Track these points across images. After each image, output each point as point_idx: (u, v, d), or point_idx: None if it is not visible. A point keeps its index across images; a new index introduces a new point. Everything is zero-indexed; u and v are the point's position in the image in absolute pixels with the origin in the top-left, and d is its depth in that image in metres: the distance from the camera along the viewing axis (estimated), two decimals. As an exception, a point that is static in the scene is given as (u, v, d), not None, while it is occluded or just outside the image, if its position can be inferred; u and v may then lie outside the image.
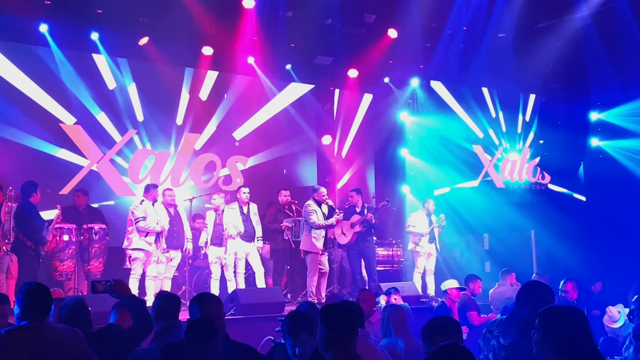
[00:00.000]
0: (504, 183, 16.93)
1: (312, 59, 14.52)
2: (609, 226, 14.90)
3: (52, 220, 10.23)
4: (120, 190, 12.86)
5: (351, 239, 11.97)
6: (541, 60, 14.76)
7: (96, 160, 12.69)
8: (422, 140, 16.01)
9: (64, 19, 11.82)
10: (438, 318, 4.19)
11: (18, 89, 11.89)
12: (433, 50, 14.50)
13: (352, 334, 3.90)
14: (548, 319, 3.58)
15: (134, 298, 5.22)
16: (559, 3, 13.28)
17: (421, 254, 12.44)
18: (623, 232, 14.49)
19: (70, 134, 12.48)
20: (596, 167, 16.36)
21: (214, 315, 4.52)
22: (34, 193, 10.10)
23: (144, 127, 13.26)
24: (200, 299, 4.86)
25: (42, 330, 4.53)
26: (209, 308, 4.72)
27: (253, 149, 14.40)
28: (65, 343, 4.55)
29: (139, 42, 12.65)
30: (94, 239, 10.77)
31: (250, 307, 9.49)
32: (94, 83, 12.71)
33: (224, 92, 14.25)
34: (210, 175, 13.80)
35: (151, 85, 13.19)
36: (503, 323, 4.68)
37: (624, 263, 13.66)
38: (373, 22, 13.50)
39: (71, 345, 4.57)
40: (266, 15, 12.76)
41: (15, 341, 4.38)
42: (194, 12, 11.97)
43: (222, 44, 13.23)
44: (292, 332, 4.47)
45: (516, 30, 13.95)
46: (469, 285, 10.24)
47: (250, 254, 11.32)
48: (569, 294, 8.65)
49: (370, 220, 11.85)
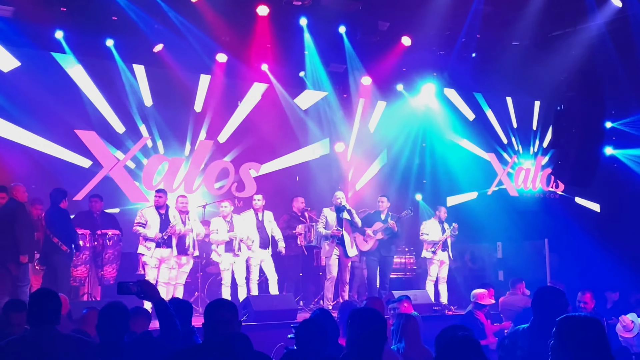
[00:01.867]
0: (518, 191, 16.88)
1: (326, 66, 14.54)
2: (623, 235, 14.81)
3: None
4: (134, 196, 12.91)
5: (372, 246, 11.96)
6: (555, 68, 14.69)
7: (110, 166, 12.76)
8: (436, 148, 15.99)
9: (80, 25, 11.91)
10: (451, 327, 4.15)
11: (33, 95, 11.97)
12: (447, 58, 14.49)
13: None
14: (565, 328, 3.57)
15: (163, 302, 5.05)
16: (574, 11, 13.23)
17: (434, 262, 12.42)
18: (637, 241, 14.40)
19: (84, 140, 12.56)
20: (610, 176, 16.27)
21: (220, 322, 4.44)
22: (63, 200, 10.27)
23: (158, 134, 13.33)
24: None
25: (44, 338, 4.46)
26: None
27: (266, 156, 14.43)
28: (67, 353, 4.48)
29: (153, 49, 12.71)
30: (108, 245, 10.82)
31: (262, 314, 9.49)
32: (108, 89, 12.79)
33: (238, 99, 14.28)
34: (224, 182, 13.82)
35: (166, 91, 13.26)
36: (526, 333, 4.68)
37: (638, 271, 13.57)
38: (387, 30, 13.51)
39: (74, 356, 4.50)
40: (280, 23, 12.80)
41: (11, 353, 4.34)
42: (209, 19, 12.03)
43: (237, 51, 13.28)
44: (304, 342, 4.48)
45: (530, 38, 13.91)
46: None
47: (264, 260, 11.33)
48: (588, 304, 8.64)
49: (392, 228, 11.84)
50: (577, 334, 3.53)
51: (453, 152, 15.83)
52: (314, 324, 4.66)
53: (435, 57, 14.53)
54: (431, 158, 16.03)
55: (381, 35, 13.51)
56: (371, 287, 12.01)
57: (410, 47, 13.91)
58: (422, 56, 14.23)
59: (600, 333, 3.56)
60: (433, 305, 11.57)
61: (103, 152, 12.75)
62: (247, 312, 9.58)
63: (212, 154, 13.87)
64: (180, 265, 10.74)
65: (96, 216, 11.25)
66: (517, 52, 14.25)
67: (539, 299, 4.83)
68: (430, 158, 16.05)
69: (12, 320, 5.59)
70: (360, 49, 13.83)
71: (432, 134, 16.06)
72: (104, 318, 4.97)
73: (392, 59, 14.19)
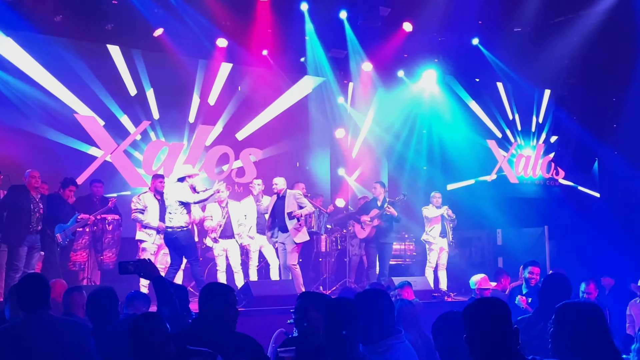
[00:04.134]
0: (518, 178, 16.86)
1: (327, 51, 14.49)
2: (622, 222, 14.81)
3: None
4: (134, 182, 12.90)
5: (369, 232, 11.94)
6: (557, 55, 14.67)
7: (110, 151, 12.74)
8: (436, 134, 15.97)
9: (79, 9, 11.85)
10: (448, 313, 4.14)
11: (33, 79, 11.97)
12: (448, 44, 14.44)
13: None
14: (564, 315, 3.56)
15: (161, 278, 5.13)
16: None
17: (433, 248, 12.42)
18: (637, 228, 14.40)
19: (84, 125, 12.54)
20: (610, 163, 16.25)
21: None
22: (66, 189, 10.40)
23: (158, 119, 13.30)
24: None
25: (36, 324, 4.45)
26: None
27: (266, 141, 14.41)
28: (63, 337, 4.48)
29: (153, 34, 12.66)
30: (108, 230, 10.81)
31: (262, 299, 9.48)
32: (107, 74, 12.75)
33: (238, 84, 14.26)
34: (223, 167, 13.80)
35: (165, 76, 13.21)
36: (531, 319, 4.70)
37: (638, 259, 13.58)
38: (388, 16, 13.46)
39: (70, 339, 4.50)
40: (281, 8, 12.76)
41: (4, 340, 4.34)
42: (209, 3, 11.98)
43: (237, 36, 13.23)
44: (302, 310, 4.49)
45: (532, 24, 13.87)
46: (500, 281, 10.16)
47: (264, 246, 11.32)
48: (592, 294, 8.68)
49: (392, 214, 11.81)
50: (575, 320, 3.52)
51: (453, 138, 15.80)
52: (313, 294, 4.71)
53: (436, 43, 14.47)
54: (431, 144, 16.00)
55: (382, 20, 13.45)
56: (370, 274, 11.99)
57: (412, 33, 13.87)
58: (424, 42, 14.17)
59: (598, 318, 3.56)
60: (432, 292, 11.57)
61: (103, 137, 12.72)
62: (246, 298, 9.58)
63: (213, 140, 13.85)
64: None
65: (96, 200, 11.22)
66: (518, 39, 14.21)
67: (546, 287, 4.88)
68: (430, 144, 16.02)
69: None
70: (361, 34, 13.79)
71: (433, 120, 16.03)
72: (92, 302, 5.07)
73: (393, 44, 14.16)
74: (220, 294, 4.42)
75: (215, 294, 4.44)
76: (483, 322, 3.31)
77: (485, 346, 3.28)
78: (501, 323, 3.32)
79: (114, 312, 5.29)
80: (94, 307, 5.23)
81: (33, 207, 9.47)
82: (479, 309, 3.41)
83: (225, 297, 4.40)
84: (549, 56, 14.64)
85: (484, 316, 3.34)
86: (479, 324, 3.32)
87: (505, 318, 3.34)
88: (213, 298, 4.41)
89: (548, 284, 5.17)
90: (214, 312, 4.32)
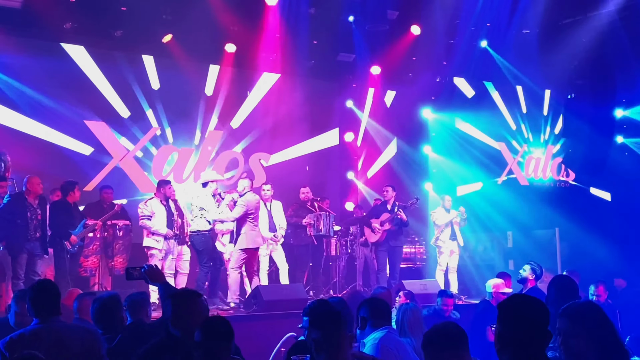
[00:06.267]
0: (528, 180, 16.82)
1: (335, 56, 14.50)
2: (634, 223, 14.74)
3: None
4: (144, 187, 12.93)
5: (380, 237, 11.94)
6: (566, 56, 14.63)
7: (120, 157, 12.79)
8: (445, 137, 15.96)
9: (89, 16, 11.89)
10: (438, 326, 4.00)
11: (44, 86, 12.03)
12: (456, 46, 14.43)
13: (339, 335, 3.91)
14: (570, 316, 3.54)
15: (168, 285, 5.20)
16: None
17: (443, 251, 12.41)
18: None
19: (94, 131, 12.59)
20: (621, 164, 16.18)
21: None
22: (70, 192, 10.27)
23: (167, 124, 13.34)
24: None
25: (49, 331, 4.48)
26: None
27: (276, 145, 14.43)
28: (74, 343, 4.50)
29: (162, 40, 12.70)
30: (118, 235, 10.83)
31: (272, 304, 9.49)
32: (118, 80, 12.79)
33: (247, 89, 14.28)
34: (234, 172, 13.83)
35: (175, 82, 13.25)
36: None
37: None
38: (396, 19, 13.48)
39: (81, 345, 4.52)
40: (289, 12, 12.77)
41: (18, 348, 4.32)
42: (217, 9, 12.01)
43: (245, 41, 13.25)
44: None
45: (541, 26, 13.85)
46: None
47: (274, 250, 11.33)
48: (602, 296, 8.66)
49: (401, 219, 11.81)
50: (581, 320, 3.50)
51: (463, 141, 15.78)
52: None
53: (444, 45, 14.46)
54: (440, 147, 15.98)
55: (390, 24, 13.46)
56: (380, 277, 11.98)
57: (420, 36, 13.86)
58: (432, 45, 14.16)
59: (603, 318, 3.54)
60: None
61: (113, 143, 12.78)
62: (256, 302, 9.59)
63: (222, 144, 13.88)
64: (180, 255, 10.58)
65: (105, 207, 11.23)
66: (527, 41, 14.19)
67: (553, 288, 4.86)
68: (439, 147, 15.99)
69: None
70: (370, 38, 13.77)
71: (442, 123, 16.00)
72: (98, 309, 5.12)
73: (402, 48, 14.15)
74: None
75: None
76: (519, 318, 3.25)
77: (515, 343, 3.22)
78: (537, 323, 3.25)
79: (119, 318, 5.33)
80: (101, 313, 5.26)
81: (30, 214, 9.42)
82: (518, 304, 3.34)
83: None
84: (557, 58, 14.61)
85: (522, 313, 3.27)
86: (514, 320, 3.26)
87: (542, 318, 3.28)
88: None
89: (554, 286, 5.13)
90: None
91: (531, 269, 8.56)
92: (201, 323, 3.91)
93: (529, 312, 3.27)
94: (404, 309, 6.58)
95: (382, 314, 4.94)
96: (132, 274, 4.99)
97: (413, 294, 8.68)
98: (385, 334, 4.84)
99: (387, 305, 5.07)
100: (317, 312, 4.13)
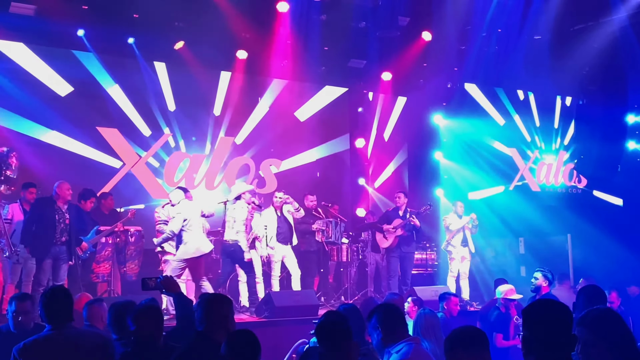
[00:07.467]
0: (540, 187, 16.78)
1: (346, 62, 14.52)
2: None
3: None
4: (156, 193, 12.97)
5: (392, 242, 11.93)
6: (578, 62, 14.60)
7: (132, 163, 12.84)
8: (457, 143, 15.93)
9: (101, 23, 11.95)
10: (461, 329, 4.03)
11: (56, 93, 12.09)
12: (468, 52, 14.41)
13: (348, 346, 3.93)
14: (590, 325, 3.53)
15: (182, 295, 5.23)
16: (596, 5, 13.13)
17: (454, 257, 12.39)
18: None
19: (107, 137, 12.64)
20: (633, 171, 16.13)
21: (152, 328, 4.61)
22: (83, 200, 10.46)
23: (179, 130, 13.39)
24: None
25: (62, 337, 4.50)
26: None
27: (287, 152, 14.45)
28: (85, 349, 4.53)
29: (174, 46, 12.76)
30: (130, 241, 10.87)
31: (284, 310, 9.49)
32: (130, 87, 12.85)
33: (258, 95, 14.32)
34: (245, 178, 13.84)
35: (187, 88, 13.30)
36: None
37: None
38: (407, 25, 13.48)
39: (92, 351, 4.54)
40: (300, 19, 12.79)
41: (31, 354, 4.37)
42: (229, 16, 12.05)
43: (257, 47, 13.30)
44: None
45: (552, 32, 13.81)
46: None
47: (286, 256, 11.31)
48: (615, 303, 8.62)
49: (415, 225, 11.81)
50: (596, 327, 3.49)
51: (474, 147, 15.76)
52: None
53: (456, 51, 14.45)
54: (452, 153, 15.96)
55: (401, 30, 13.47)
56: (391, 283, 11.96)
57: (431, 42, 13.86)
58: (443, 51, 14.15)
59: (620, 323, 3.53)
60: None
61: (125, 149, 12.82)
62: (268, 308, 9.59)
63: (233, 151, 13.92)
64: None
65: (107, 214, 11.21)
66: (539, 46, 14.16)
67: (582, 296, 4.89)
68: (450, 153, 15.98)
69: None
70: (380, 44, 13.78)
71: (453, 129, 15.99)
72: (114, 315, 5.16)
73: (413, 54, 14.15)
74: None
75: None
76: (544, 322, 3.26)
77: (541, 347, 3.23)
78: (562, 326, 3.26)
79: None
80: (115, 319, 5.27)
81: (58, 217, 9.41)
82: (543, 308, 3.36)
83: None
84: (569, 64, 14.58)
85: (546, 317, 3.28)
86: (539, 324, 3.27)
87: (566, 321, 3.28)
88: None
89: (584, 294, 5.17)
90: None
91: (543, 276, 8.50)
92: (228, 336, 3.93)
93: (553, 316, 3.29)
94: (420, 314, 6.65)
95: (396, 320, 4.91)
96: (147, 284, 5.03)
97: (422, 300, 8.65)
98: (412, 347, 4.76)
99: (400, 312, 5.05)
100: (323, 328, 4.17)
